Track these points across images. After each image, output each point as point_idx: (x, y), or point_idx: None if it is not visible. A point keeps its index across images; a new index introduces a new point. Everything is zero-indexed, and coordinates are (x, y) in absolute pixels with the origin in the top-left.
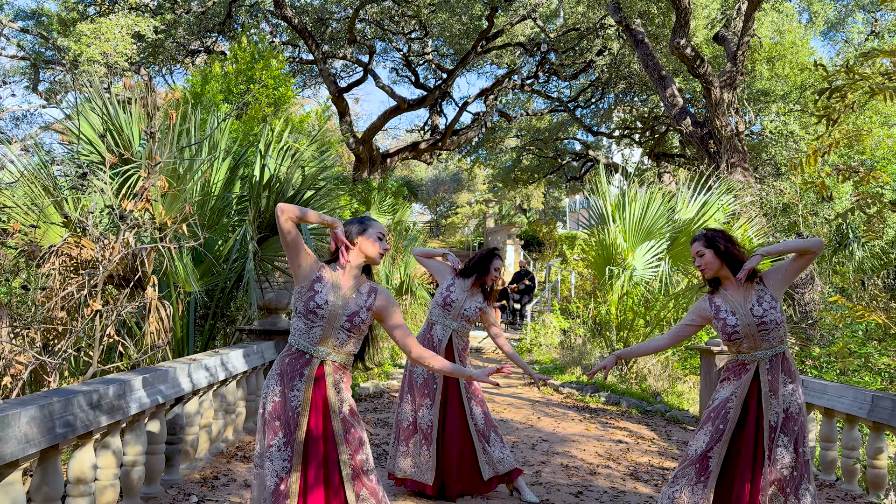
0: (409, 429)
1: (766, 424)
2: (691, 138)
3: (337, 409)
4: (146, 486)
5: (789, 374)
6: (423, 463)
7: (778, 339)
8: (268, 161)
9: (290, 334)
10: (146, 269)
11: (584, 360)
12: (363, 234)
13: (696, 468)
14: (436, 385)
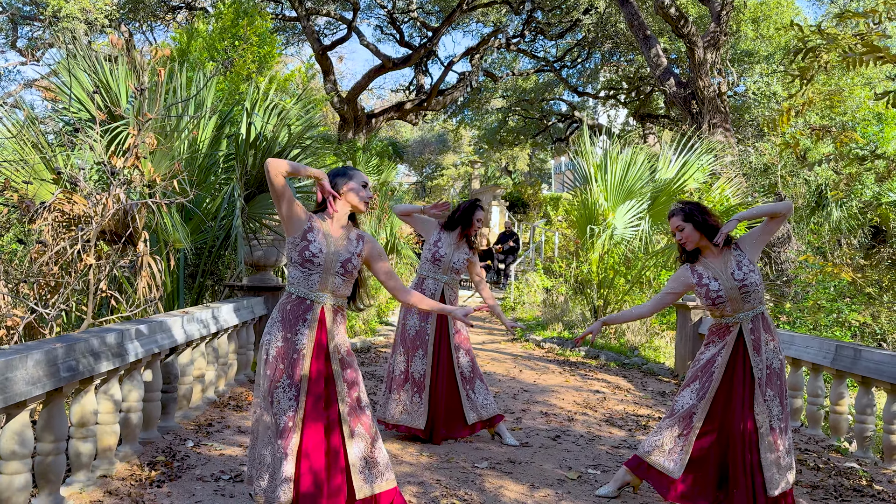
0: (400, 378)
1: (754, 380)
2: (674, 98)
3: (336, 350)
4: (144, 431)
5: (770, 332)
6: (415, 409)
7: (758, 300)
8: (254, 119)
9: (288, 283)
10: (137, 224)
11: (565, 316)
12: (348, 184)
13: (681, 422)
14: (427, 337)
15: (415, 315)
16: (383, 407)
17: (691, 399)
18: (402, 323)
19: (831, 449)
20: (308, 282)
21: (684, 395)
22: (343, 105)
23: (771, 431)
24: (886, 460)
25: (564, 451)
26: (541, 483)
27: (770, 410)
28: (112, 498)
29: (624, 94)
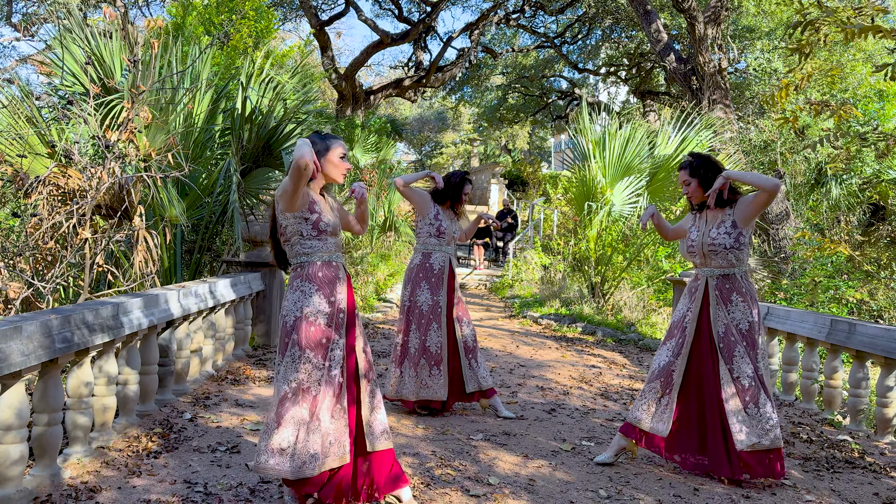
0: (416, 355)
1: (715, 335)
2: (675, 74)
3: (355, 307)
4: (141, 404)
5: (741, 295)
6: (436, 382)
7: (727, 263)
8: (249, 94)
9: (307, 254)
10: (132, 199)
11: (563, 293)
12: (325, 157)
13: (661, 381)
14: (440, 310)
15: (425, 291)
16: (398, 385)
17: (668, 357)
18: (411, 300)
19: (825, 422)
20: (327, 246)
21: (661, 353)
22: (341, 81)
23: (735, 382)
24: (879, 433)
25: (559, 423)
26: (535, 454)
27: (740, 368)
28: (109, 469)
29: (624, 71)
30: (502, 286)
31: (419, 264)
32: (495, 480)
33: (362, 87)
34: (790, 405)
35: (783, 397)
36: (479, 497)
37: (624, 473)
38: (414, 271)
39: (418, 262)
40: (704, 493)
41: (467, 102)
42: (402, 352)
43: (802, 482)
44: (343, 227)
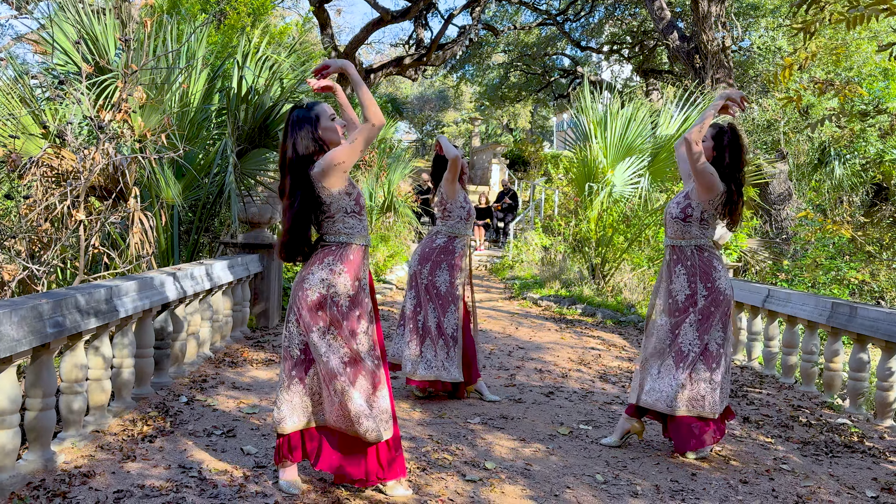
0: (436, 334)
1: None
2: (678, 53)
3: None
4: (137, 387)
5: (685, 267)
6: (451, 363)
7: (678, 235)
8: (245, 73)
9: (346, 234)
10: (127, 180)
11: (563, 275)
12: (320, 126)
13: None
14: (458, 292)
15: (445, 271)
16: (414, 365)
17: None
18: (428, 279)
19: (824, 405)
20: (364, 227)
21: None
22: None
23: (674, 350)
24: (879, 416)
25: (557, 406)
26: (532, 438)
27: (685, 335)
28: (104, 452)
29: (627, 49)
30: (502, 267)
31: (443, 246)
32: (492, 465)
33: (362, 66)
34: (790, 388)
35: (783, 380)
36: (476, 482)
37: (622, 458)
38: (436, 251)
39: (442, 245)
40: (702, 477)
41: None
42: (424, 330)
43: (801, 467)
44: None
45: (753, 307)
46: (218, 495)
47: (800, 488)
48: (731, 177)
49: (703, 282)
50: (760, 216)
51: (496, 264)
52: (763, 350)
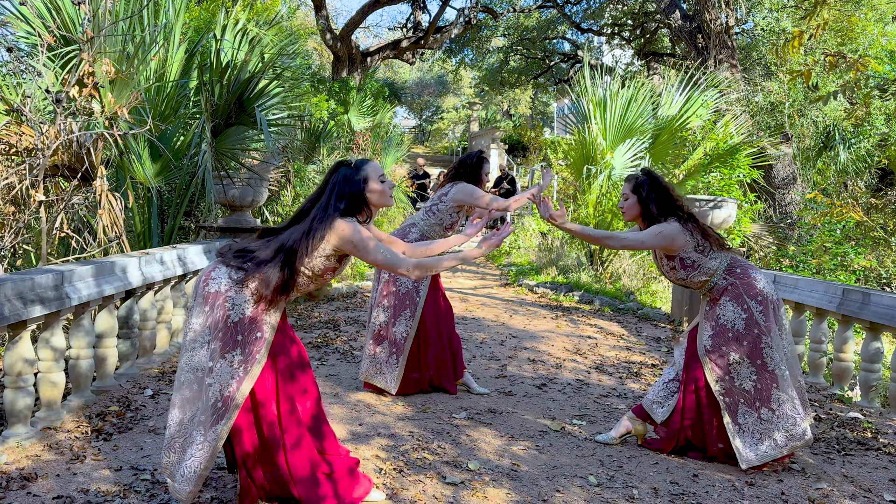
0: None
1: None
2: (679, 33)
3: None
4: (99, 380)
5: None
6: (391, 370)
7: (698, 286)
8: (224, 45)
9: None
10: (93, 159)
11: (560, 261)
12: (368, 185)
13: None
14: (418, 297)
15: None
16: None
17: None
18: (389, 276)
19: (834, 398)
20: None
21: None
22: (336, 42)
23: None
24: (893, 410)
25: (549, 399)
26: (521, 435)
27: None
28: (52, 452)
29: (628, 32)
30: (499, 253)
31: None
32: (475, 465)
33: (358, 49)
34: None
35: None
36: (457, 485)
37: (617, 457)
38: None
39: (412, 241)
40: (704, 479)
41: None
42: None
43: (812, 467)
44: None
45: None
46: (168, 501)
47: (811, 491)
48: (670, 213)
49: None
50: (764, 200)
51: (493, 251)
52: None
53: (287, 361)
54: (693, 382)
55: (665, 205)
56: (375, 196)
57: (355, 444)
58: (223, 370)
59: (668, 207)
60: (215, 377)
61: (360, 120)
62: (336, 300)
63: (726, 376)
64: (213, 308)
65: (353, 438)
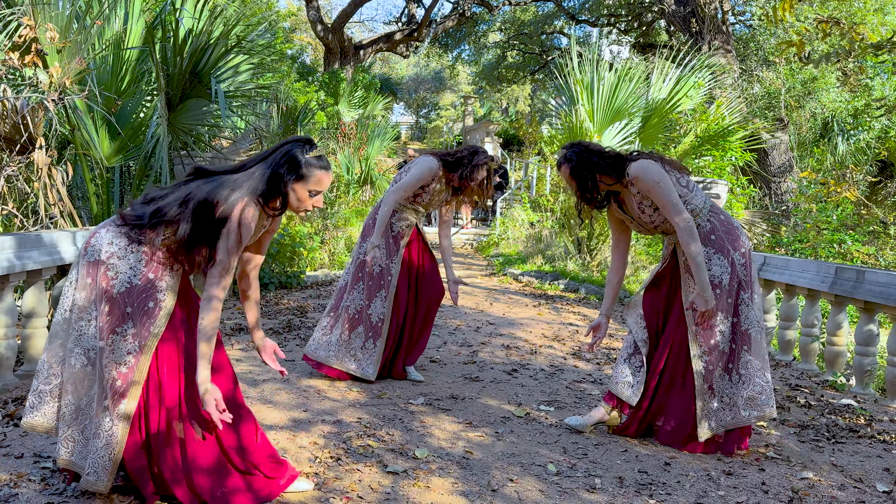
0: (355, 317)
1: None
2: (674, 18)
3: None
4: (26, 364)
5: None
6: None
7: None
8: (182, 14)
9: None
10: (32, 129)
11: (548, 251)
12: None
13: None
14: (390, 276)
15: (381, 249)
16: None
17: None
18: (360, 255)
19: (826, 385)
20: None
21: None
22: (328, 34)
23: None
24: (890, 396)
25: (518, 385)
26: (481, 421)
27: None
28: None
29: (624, 23)
30: (488, 245)
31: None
32: (423, 453)
33: (351, 41)
34: (787, 366)
35: (780, 357)
36: (398, 474)
37: (583, 444)
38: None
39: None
40: (677, 467)
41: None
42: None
43: (798, 455)
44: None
45: None
46: (62, 492)
47: (796, 481)
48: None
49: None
50: (759, 187)
51: (482, 242)
52: None
53: (194, 336)
54: (669, 347)
55: (615, 163)
56: (294, 201)
57: (293, 432)
58: (117, 346)
59: (618, 164)
60: (108, 356)
61: (350, 111)
62: (310, 288)
63: (711, 339)
64: (95, 279)
65: (293, 426)
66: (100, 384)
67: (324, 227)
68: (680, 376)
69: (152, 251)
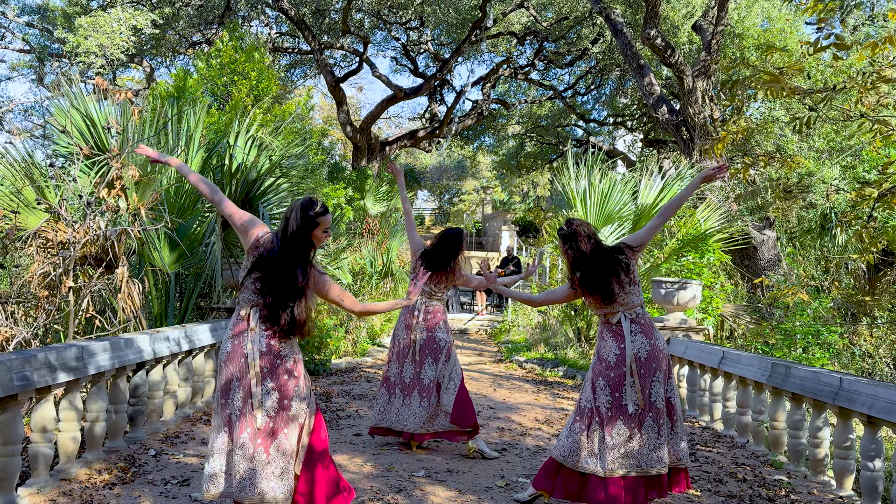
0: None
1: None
2: (667, 126)
3: None
4: (110, 441)
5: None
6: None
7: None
8: (235, 151)
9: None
10: (116, 250)
11: (553, 339)
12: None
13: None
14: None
15: (401, 326)
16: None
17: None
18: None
19: (767, 463)
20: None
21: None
22: (356, 134)
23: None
24: (814, 473)
25: (505, 462)
26: (469, 489)
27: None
28: (64, 498)
29: (633, 121)
30: (500, 331)
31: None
32: None
33: (377, 139)
34: (742, 447)
35: (738, 439)
36: None
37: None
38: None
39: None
40: None
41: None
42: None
43: None
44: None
45: (712, 368)
46: None
47: None
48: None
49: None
50: (748, 281)
51: (495, 329)
52: (722, 411)
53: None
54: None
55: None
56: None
57: None
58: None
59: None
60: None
61: (375, 205)
62: (334, 374)
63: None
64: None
65: None
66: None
67: (348, 317)
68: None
69: None
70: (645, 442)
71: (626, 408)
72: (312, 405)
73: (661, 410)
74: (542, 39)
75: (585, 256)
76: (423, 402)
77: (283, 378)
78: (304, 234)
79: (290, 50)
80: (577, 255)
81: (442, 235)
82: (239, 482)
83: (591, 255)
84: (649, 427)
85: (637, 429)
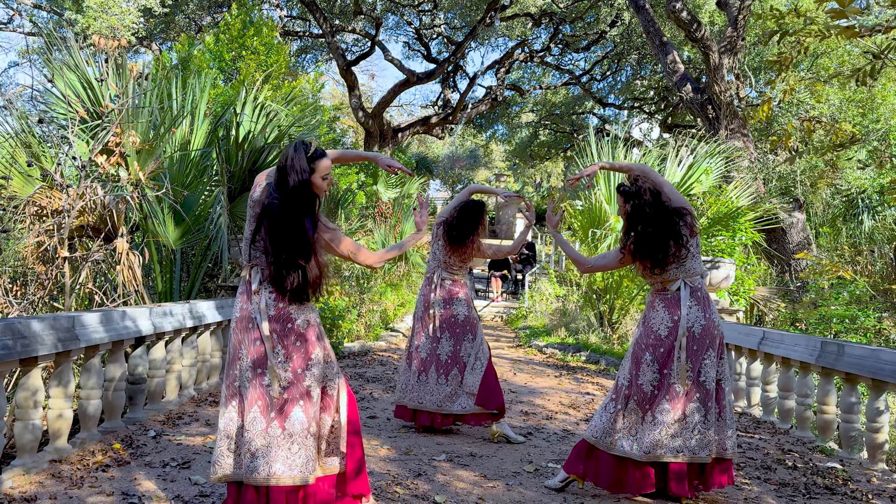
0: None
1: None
2: (691, 105)
3: None
4: (108, 421)
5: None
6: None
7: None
8: (242, 119)
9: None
10: (115, 220)
11: (573, 323)
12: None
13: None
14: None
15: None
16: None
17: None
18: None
19: (816, 450)
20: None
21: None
22: (368, 119)
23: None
24: (871, 460)
25: (531, 447)
26: (495, 475)
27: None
28: (53, 480)
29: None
30: (517, 318)
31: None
32: (442, 499)
33: (390, 125)
34: (785, 433)
35: (780, 425)
36: None
37: (580, 493)
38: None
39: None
40: None
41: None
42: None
43: None
44: None
45: (751, 350)
46: None
47: None
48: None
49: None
50: (777, 265)
51: (511, 315)
52: (761, 395)
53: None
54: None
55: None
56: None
57: None
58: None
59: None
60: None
61: (388, 191)
62: (346, 358)
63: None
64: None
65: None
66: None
67: (360, 300)
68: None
69: None
70: (690, 426)
71: (674, 387)
72: (337, 376)
73: (710, 392)
74: (559, 22)
75: (647, 216)
76: (439, 378)
77: (295, 345)
78: (306, 182)
79: (301, 34)
80: (637, 213)
81: (462, 207)
82: (249, 462)
83: (652, 215)
84: (696, 409)
85: (682, 411)
